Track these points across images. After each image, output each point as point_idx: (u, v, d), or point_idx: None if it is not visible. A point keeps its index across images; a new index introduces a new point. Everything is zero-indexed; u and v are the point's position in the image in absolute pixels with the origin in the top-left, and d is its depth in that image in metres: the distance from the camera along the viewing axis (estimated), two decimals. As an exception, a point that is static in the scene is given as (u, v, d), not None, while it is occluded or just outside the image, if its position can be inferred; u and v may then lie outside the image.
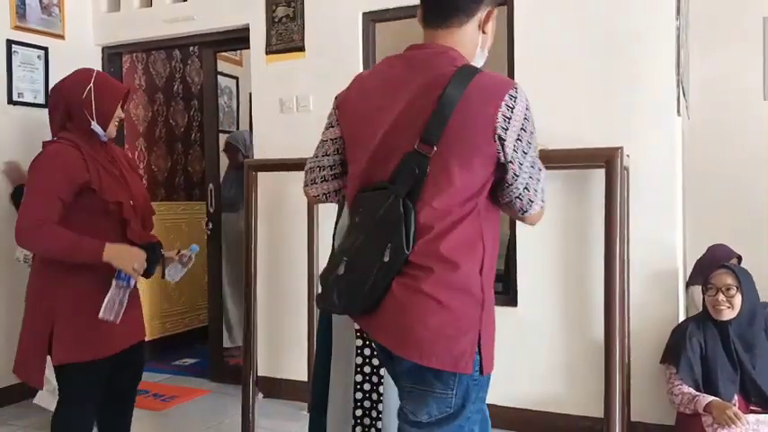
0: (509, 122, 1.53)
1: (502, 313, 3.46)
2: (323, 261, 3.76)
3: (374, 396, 2.12)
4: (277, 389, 4.05)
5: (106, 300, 2.28)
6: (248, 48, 4.17)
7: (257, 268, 3.55)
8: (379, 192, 1.59)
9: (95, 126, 2.39)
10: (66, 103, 2.40)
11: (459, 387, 1.60)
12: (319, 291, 1.70)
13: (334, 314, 2.21)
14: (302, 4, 3.94)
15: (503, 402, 3.44)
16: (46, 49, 4.25)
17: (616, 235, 2.91)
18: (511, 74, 3.46)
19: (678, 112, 3.25)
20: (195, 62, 5.81)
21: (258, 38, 4.08)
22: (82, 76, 2.44)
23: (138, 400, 3.96)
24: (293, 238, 3.96)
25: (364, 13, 3.80)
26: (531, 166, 1.58)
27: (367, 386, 2.12)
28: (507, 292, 3.52)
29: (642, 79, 3.20)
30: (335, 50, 3.86)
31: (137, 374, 2.65)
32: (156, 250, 2.51)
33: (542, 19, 3.38)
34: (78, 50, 4.45)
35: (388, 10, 3.76)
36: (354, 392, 2.13)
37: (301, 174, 3.87)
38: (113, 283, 2.30)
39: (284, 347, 4.05)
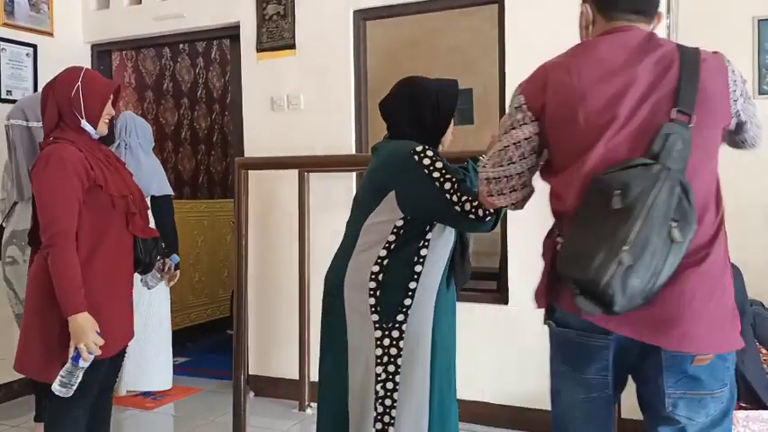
0: (736, 84, 1.62)
1: (494, 311, 3.50)
2: (314, 259, 3.79)
3: (389, 385, 2.13)
4: (268, 387, 4.05)
5: (62, 375, 2.25)
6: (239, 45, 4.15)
7: (248, 266, 3.55)
8: (640, 168, 1.47)
9: (85, 124, 2.40)
10: (56, 102, 2.40)
11: (728, 379, 1.60)
12: (583, 296, 1.51)
13: (348, 307, 2.15)
14: (293, 1, 3.93)
15: (494, 400, 3.45)
16: (35, 47, 4.22)
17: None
18: (502, 72, 3.47)
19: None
20: (185, 60, 5.80)
21: (249, 35, 4.07)
22: (70, 74, 2.44)
23: (130, 398, 4.01)
24: (284, 236, 3.95)
25: (355, 11, 3.80)
26: (753, 115, 1.71)
27: (383, 375, 2.14)
28: (499, 290, 3.53)
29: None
30: (326, 48, 3.85)
31: (119, 370, 2.67)
32: (159, 244, 2.56)
33: (533, 17, 3.39)
34: (67, 48, 4.42)
35: (378, 8, 3.76)
36: (375, 384, 2.14)
37: (292, 172, 3.89)
38: (70, 360, 2.25)
39: (275, 346, 4.04)
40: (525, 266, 3.44)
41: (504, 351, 3.45)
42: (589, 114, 1.57)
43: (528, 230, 3.39)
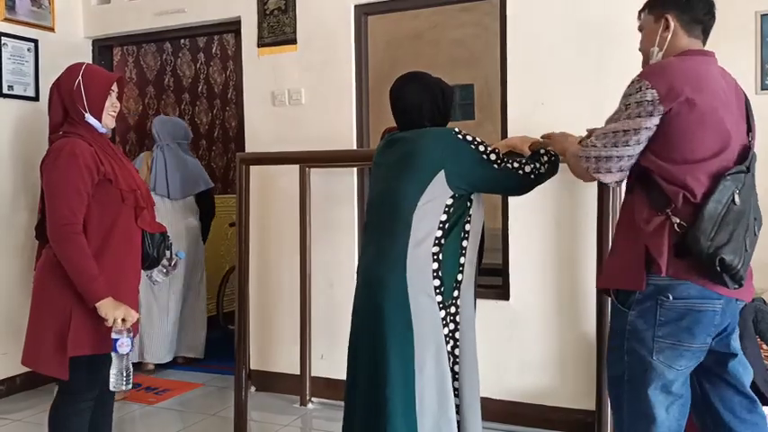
0: None
1: (494, 306, 3.50)
2: (315, 255, 3.79)
3: (450, 358, 2.25)
4: (269, 382, 4.05)
5: (113, 373, 2.31)
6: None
7: (249, 261, 3.55)
8: (742, 176, 1.89)
9: (90, 118, 2.41)
10: (61, 98, 2.43)
11: None
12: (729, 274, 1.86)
13: (414, 293, 2.19)
14: (294, -4, 3.93)
15: (494, 395, 3.45)
16: (36, 42, 4.22)
17: (608, 228, 2.93)
18: (504, 68, 3.46)
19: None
20: (186, 55, 5.79)
21: (249, 30, 4.06)
22: (72, 70, 2.47)
23: (131, 393, 4.01)
24: (285, 231, 3.95)
25: (356, 6, 3.79)
26: None
27: (449, 348, 2.26)
28: (500, 285, 3.53)
29: (635, 74, 3.20)
30: (327, 43, 3.85)
31: None
32: (166, 239, 2.58)
33: (534, 13, 3.38)
34: (68, 43, 4.42)
35: (380, 2, 3.75)
36: (449, 363, 2.24)
37: (292, 167, 3.89)
38: (113, 354, 2.30)
39: (276, 341, 4.05)
40: (526, 261, 3.44)
41: (506, 346, 3.45)
42: (719, 129, 1.89)
43: (528, 224, 3.40)
